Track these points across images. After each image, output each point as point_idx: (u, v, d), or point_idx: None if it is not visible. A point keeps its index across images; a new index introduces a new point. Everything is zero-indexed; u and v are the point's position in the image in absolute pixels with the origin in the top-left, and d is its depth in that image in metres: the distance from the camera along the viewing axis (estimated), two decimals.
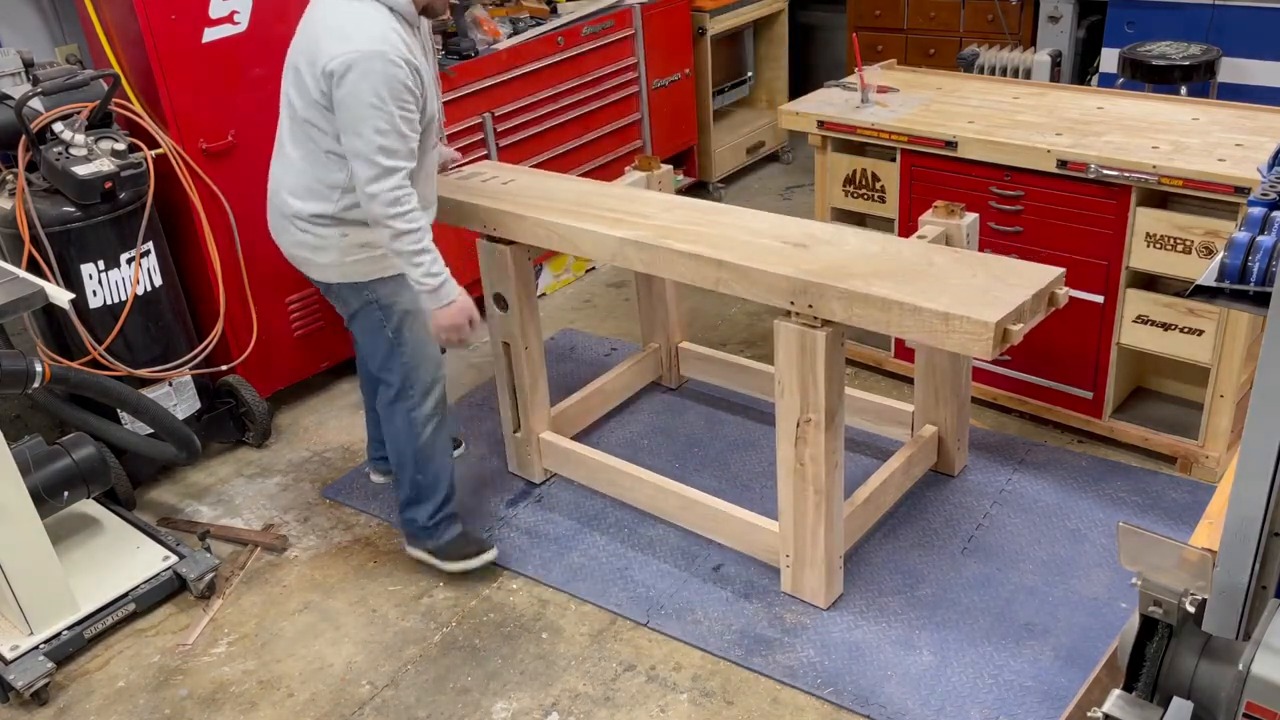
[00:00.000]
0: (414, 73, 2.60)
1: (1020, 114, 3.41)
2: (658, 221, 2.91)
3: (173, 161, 3.37)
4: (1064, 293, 2.53)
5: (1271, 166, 1.68)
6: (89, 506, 3.26)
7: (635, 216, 2.94)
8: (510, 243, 3.08)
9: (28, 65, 3.36)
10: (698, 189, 5.49)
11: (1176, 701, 1.41)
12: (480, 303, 3.27)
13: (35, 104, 3.13)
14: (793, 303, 2.56)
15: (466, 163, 3.50)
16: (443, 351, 3.02)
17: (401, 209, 2.62)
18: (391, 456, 3.09)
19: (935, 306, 2.37)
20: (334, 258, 2.82)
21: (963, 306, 2.35)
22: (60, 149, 3.12)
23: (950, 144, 3.31)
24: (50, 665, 2.78)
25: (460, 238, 3.27)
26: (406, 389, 2.94)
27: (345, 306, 2.96)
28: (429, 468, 3.02)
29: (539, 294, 4.61)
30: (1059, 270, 2.54)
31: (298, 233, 2.83)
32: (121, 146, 3.22)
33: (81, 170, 3.10)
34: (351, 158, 2.63)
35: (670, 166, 3.57)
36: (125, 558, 3.12)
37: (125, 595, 3.00)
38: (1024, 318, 2.39)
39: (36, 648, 2.82)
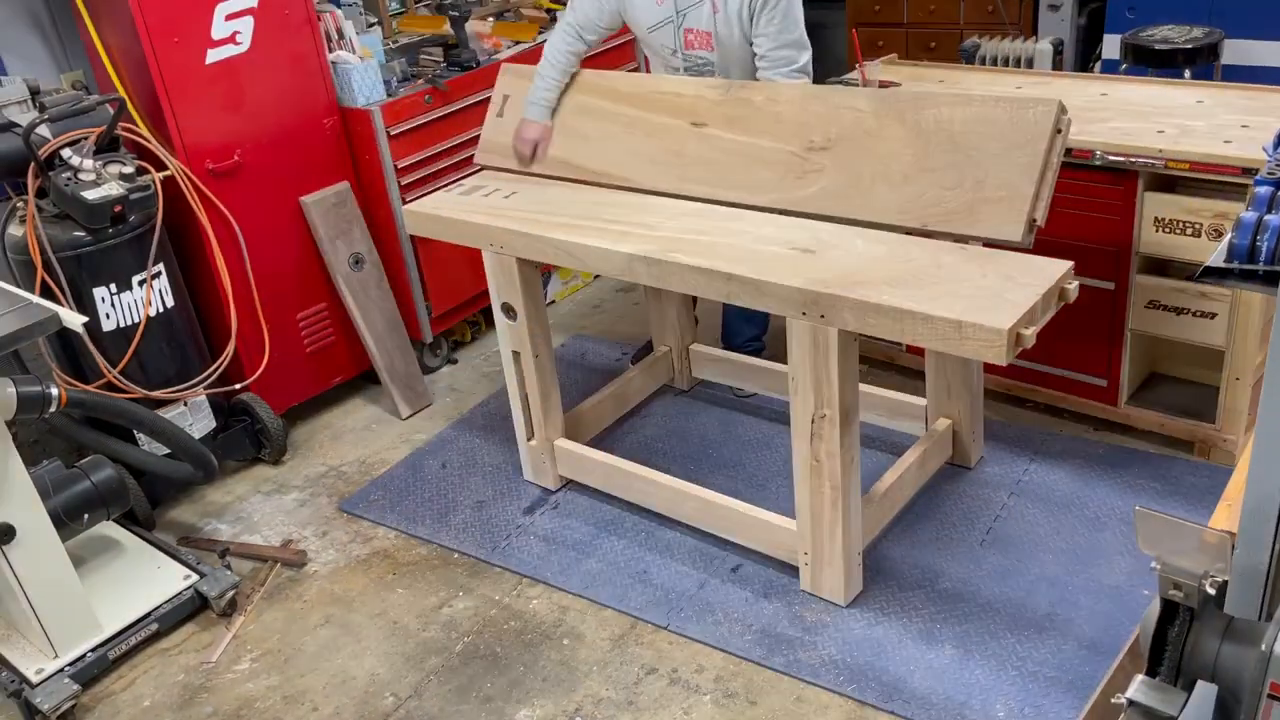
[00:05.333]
0: None
1: None
2: (664, 232, 2.89)
3: (180, 183, 3.39)
4: (1073, 287, 2.51)
5: (1276, 145, 1.68)
6: (109, 528, 3.28)
7: (641, 228, 2.93)
8: None
9: (34, 93, 3.39)
10: None
11: (1201, 684, 1.40)
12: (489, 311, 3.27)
13: (43, 131, 3.16)
14: (805, 313, 2.55)
15: (464, 176, 3.51)
16: None
17: None
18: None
19: (948, 315, 2.32)
20: None
21: (975, 313, 2.31)
22: (69, 174, 3.15)
23: None
24: (76, 687, 2.80)
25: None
26: None
27: None
28: None
29: (549, 301, 4.61)
30: (1067, 264, 2.52)
31: None
32: (129, 170, 3.25)
33: (91, 195, 3.12)
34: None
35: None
36: (146, 578, 3.14)
37: (148, 615, 3.02)
38: (1035, 319, 2.36)
39: (61, 670, 2.84)
